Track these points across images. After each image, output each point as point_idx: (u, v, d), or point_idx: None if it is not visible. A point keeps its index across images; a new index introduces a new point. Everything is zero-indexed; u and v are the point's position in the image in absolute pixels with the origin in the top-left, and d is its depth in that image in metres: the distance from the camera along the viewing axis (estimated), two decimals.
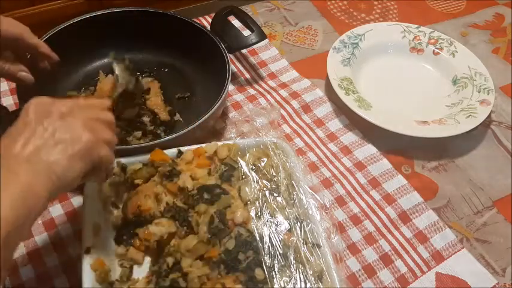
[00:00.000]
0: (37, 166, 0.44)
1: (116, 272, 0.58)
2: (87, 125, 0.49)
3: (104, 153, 0.50)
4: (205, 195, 0.59)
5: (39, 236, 0.64)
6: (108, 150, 0.51)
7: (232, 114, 0.82)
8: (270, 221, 0.59)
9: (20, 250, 0.63)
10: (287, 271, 0.55)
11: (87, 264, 0.55)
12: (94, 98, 0.67)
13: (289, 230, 0.59)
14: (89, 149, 0.48)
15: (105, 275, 0.55)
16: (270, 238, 0.57)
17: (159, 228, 0.58)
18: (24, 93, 0.69)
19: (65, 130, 0.47)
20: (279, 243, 0.57)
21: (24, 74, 0.64)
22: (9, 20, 0.61)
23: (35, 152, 0.45)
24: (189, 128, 0.68)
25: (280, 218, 0.60)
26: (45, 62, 0.68)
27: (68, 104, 0.50)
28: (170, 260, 0.56)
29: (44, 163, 0.45)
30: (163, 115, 0.75)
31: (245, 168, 0.64)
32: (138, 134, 0.74)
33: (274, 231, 0.58)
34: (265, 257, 0.55)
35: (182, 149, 0.66)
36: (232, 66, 0.84)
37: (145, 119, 0.74)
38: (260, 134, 0.69)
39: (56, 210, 0.67)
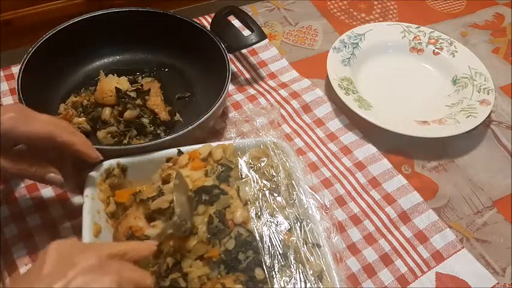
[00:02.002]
0: None
1: None
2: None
3: None
4: (204, 196, 0.59)
5: (39, 236, 0.64)
6: None
7: (232, 114, 0.82)
8: (270, 221, 0.59)
9: (20, 250, 0.63)
10: (287, 271, 0.55)
11: None
12: (136, 243, 0.54)
13: (289, 230, 0.59)
14: None
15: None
16: (270, 238, 0.57)
17: (155, 230, 0.58)
18: (25, 92, 0.69)
19: None
20: (279, 243, 0.57)
21: (52, 175, 0.57)
22: (38, 119, 0.55)
23: None
24: (189, 128, 0.68)
25: (280, 218, 0.60)
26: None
27: (98, 253, 0.41)
28: (170, 261, 0.56)
29: None
30: (164, 115, 0.75)
31: (245, 168, 0.64)
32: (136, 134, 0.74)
33: (274, 231, 0.58)
34: (265, 257, 0.55)
35: (182, 149, 0.66)
36: (232, 66, 0.84)
37: (145, 119, 0.74)
38: (260, 134, 0.69)
39: (56, 210, 0.67)
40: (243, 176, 0.63)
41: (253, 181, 0.62)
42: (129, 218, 0.60)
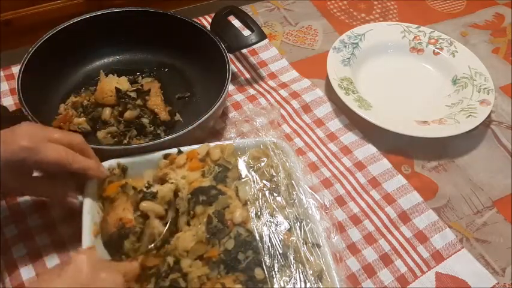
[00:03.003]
0: None
1: None
2: None
3: None
4: (201, 197, 0.59)
5: (39, 236, 0.64)
6: None
7: (232, 114, 0.82)
8: (270, 221, 0.59)
9: (20, 250, 0.63)
10: (287, 271, 0.55)
11: None
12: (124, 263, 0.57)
13: (289, 230, 0.59)
14: None
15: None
16: (269, 238, 0.57)
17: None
18: (25, 92, 0.69)
19: None
20: (279, 243, 0.57)
21: (70, 200, 0.63)
22: (49, 148, 0.55)
23: None
24: (189, 128, 0.68)
25: (280, 217, 0.60)
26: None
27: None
28: (170, 260, 0.56)
29: None
30: (164, 115, 0.75)
31: (245, 168, 0.64)
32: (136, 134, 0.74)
33: (274, 231, 0.58)
34: (265, 257, 0.55)
35: (182, 149, 0.66)
36: (232, 66, 0.84)
37: (145, 120, 0.74)
38: (260, 134, 0.69)
39: (56, 211, 0.67)
40: (243, 176, 0.63)
41: (253, 181, 0.62)
42: (117, 210, 0.60)
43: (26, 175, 0.58)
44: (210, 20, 0.91)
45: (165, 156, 0.65)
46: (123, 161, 0.64)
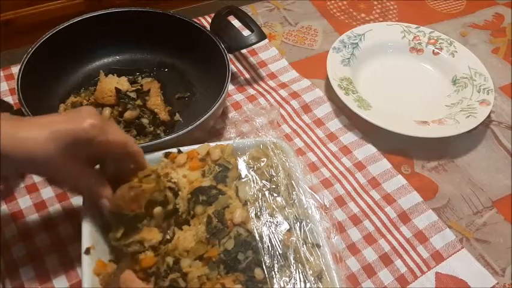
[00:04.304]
0: None
1: None
2: None
3: None
4: (201, 197, 0.59)
5: (39, 236, 0.64)
6: None
7: (232, 114, 0.82)
8: (270, 221, 0.59)
9: (20, 250, 0.63)
10: (287, 271, 0.55)
11: (86, 264, 0.55)
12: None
13: (289, 230, 0.59)
14: None
15: (109, 278, 0.55)
16: (269, 238, 0.57)
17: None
18: (25, 92, 0.69)
19: None
20: (279, 243, 0.57)
21: (105, 201, 0.56)
22: (114, 128, 0.55)
23: None
24: (189, 128, 0.68)
25: (279, 218, 0.60)
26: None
27: None
28: (170, 260, 0.56)
29: None
30: (163, 115, 0.75)
31: (244, 168, 0.64)
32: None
33: (273, 231, 0.58)
34: (265, 257, 0.55)
35: (182, 149, 0.66)
36: (232, 66, 0.84)
37: (145, 120, 0.74)
38: (260, 134, 0.69)
39: (56, 210, 0.67)
40: (243, 176, 0.63)
41: (253, 181, 0.62)
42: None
43: (81, 163, 0.53)
44: (210, 20, 0.91)
45: (166, 155, 0.65)
46: None
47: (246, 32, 0.83)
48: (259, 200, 0.60)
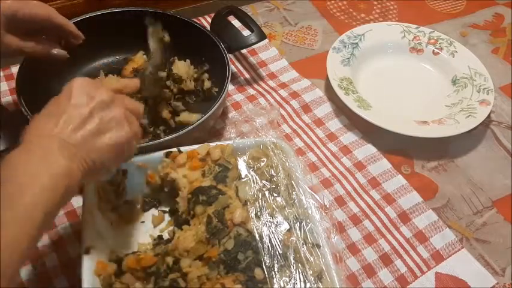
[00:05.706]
0: (79, 149, 0.47)
1: None
2: (127, 117, 0.52)
3: (134, 147, 0.53)
4: (201, 197, 0.59)
5: None
6: (135, 144, 0.54)
7: (232, 114, 0.82)
8: (270, 221, 0.59)
9: None
10: (287, 271, 0.55)
11: (86, 264, 0.55)
12: (126, 80, 0.68)
13: (289, 230, 0.59)
14: (128, 142, 0.51)
15: (109, 278, 0.55)
16: (269, 238, 0.57)
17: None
18: (24, 92, 0.69)
19: (110, 119, 0.50)
20: (279, 243, 0.57)
21: (57, 50, 0.68)
22: (36, 2, 0.64)
23: (78, 135, 0.47)
24: (189, 128, 0.68)
25: (279, 218, 0.60)
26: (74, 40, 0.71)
27: (109, 93, 0.51)
28: (170, 260, 0.56)
29: (87, 148, 0.47)
30: (188, 83, 0.79)
31: (244, 168, 0.64)
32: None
33: (273, 231, 0.58)
34: (265, 257, 0.55)
35: (182, 148, 0.66)
36: (232, 66, 0.84)
37: (144, 120, 0.74)
38: (260, 134, 0.69)
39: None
40: (243, 176, 0.63)
41: (253, 181, 0.62)
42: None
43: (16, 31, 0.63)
44: (210, 20, 0.91)
45: (167, 155, 0.65)
46: None
47: (246, 32, 0.83)
48: (259, 200, 0.60)
